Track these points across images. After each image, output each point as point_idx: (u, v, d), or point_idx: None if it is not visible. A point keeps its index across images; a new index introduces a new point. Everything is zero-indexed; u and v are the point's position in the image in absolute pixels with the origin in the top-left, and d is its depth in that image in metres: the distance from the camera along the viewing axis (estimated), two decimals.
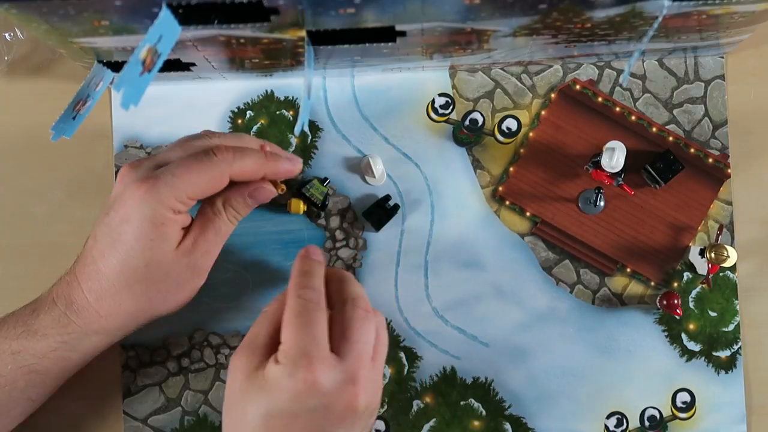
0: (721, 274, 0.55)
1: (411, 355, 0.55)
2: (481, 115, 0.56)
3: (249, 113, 0.57)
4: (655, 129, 0.56)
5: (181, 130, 0.56)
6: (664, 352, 0.55)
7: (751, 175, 0.56)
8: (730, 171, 0.56)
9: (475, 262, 0.56)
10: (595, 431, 0.55)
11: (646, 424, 0.55)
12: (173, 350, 0.55)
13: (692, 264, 0.55)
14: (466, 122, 0.56)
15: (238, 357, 0.44)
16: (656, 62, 0.56)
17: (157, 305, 0.47)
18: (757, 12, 0.46)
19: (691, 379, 0.55)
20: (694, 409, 0.55)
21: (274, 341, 0.44)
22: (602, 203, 0.55)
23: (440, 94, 0.56)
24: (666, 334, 0.55)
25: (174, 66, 0.51)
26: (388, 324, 0.55)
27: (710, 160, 0.55)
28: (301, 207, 0.55)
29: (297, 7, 0.40)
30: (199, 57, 0.49)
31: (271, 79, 0.56)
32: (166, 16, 0.37)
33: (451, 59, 0.54)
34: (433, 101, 0.56)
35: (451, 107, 0.56)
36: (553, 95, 0.56)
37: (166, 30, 0.37)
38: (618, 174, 0.54)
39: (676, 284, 0.55)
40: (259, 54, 0.48)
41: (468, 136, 0.56)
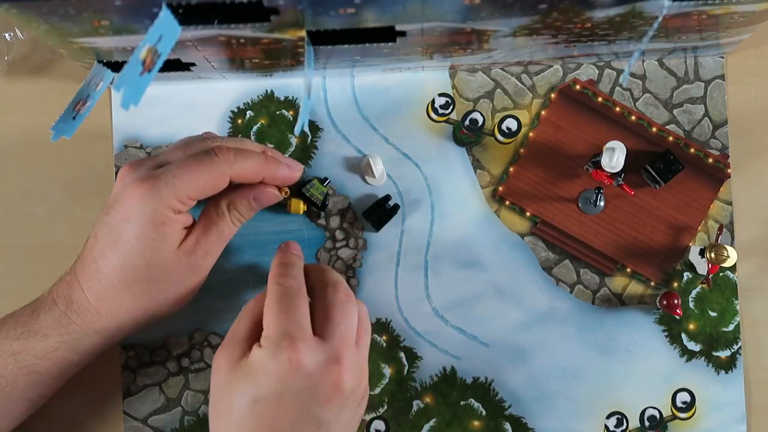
0: (721, 274, 0.55)
1: (411, 355, 0.56)
2: (481, 115, 0.56)
3: (249, 113, 0.57)
4: (655, 129, 0.56)
5: (181, 130, 0.56)
6: (664, 352, 0.55)
7: (751, 175, 0.56)
8: (730, 171, 0.56)
9: (475, 262, 0.56)
10: (595, 431, 0.55)
11: (646, 424, 0.55)
12: (173, 350, 0.55)
13: (692, 264, 0.55)
14: (466, 122, 0.56)
15: (220, 353, 0.45)
16: (656, 62, 0.56)
17: (157, 305, 0.47)
18: (757, 12, 0.46)
19: (691, 379, 0.55)
20: (694, 409, 0.55)
21: (255, 334, 0.45)
22: (602, 203, 0.55)
23: (440, 94, 0.56)
24: (666, 334, 0.55)
25: (174, 66, 0.51)
26: (388, 324, 0.55)
27: (710, 160, 0.55)
28: (301, 207, 0.55)
29: (297, 7, 0.40)
30: (199, 57, 0.49)
31: (271, 79, 0.56)
32: (166, 16, 0.37)
33: (451, 59, 0.54)
34: (433, 101, 0.56)
35: (451, 107, 0.56)
36: (553, 95, 0.56)
37: (166, 30, 0.37)
38: (618, 174, 0.54)
39: (676, 284, 0.55)
40: (259, 54, 0.48)
41: (468, 136, 0.56)
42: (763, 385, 0.55)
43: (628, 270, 0.56)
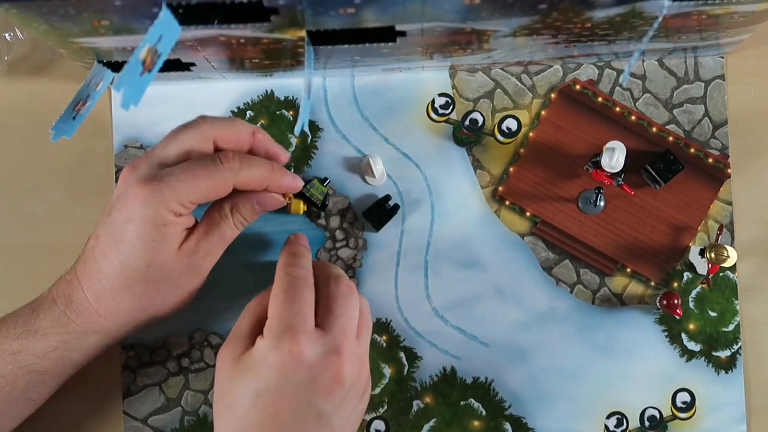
0: (721, 274, 0.55)
1: (411, 355, 0.56)
2: (481, 115, 0.56)
3: (249, 113, 0.57)
4: (655, 129, 0.56)
5: None
6: (664, 352, 0.55)
7: (751, 175, 0.56)
8: (730, 171, 0.56)
9: (475, 262, 0.56)
10: (595, 431, 0.55)
11: (646, 424, 0.55)
12: (173, 350, 0.55)
13: (692, 264, 0.55)
14: (466, 122, 0.56)
15: (223, 350, 0.45)
16: (656, 62, 0.56)
17: (156, 305, 0.47)
18: (757, 12, 0.46)
19: (691, 379, 0.55)
20: (694, 409, 0.55)
21: (257, 330, 0.45)
22: (602, 203, 0.55)
23: (440, 94, 0.56)
24: (666, 334, 0.55)
25: (174, 66, 0.51)
26: (388, 324, 0.55)
27: (710, 160, 0.55)
28: (301, 207, 0.55)
29: (297, 7, 0.40)
30: (199, 57, 0.49)
31: (271, 79, 0.56)
32: (166, 16, 0.37)
33: (451, 59, 0.54)
34: (433, 101, 0.56)
35: (451, 107, 0.56)
36: (553, 95, 0.56)
37: (166, 30, 0.37)
38: (618, 174, 0.54)
39: (676, 284, 0.55)
40: (259, 54, 0.48)
41: (468, 136, 0.56)
42: (763, 385, 0.55)
43: (628, 270, 0.56)
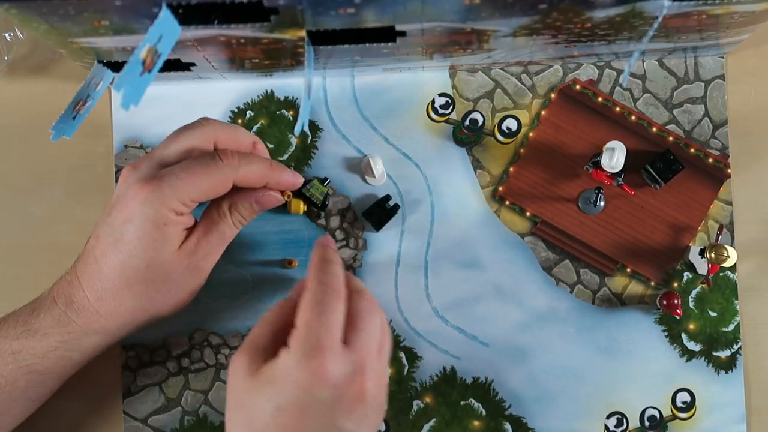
0: (721, 274, 0.55)
1: (411, 355, 0.55)
2: (481, 115, 0.56)
3: (249, 113, 0.57)
4: (655, 129, 0.56)
5: None
6: (664, 352, 0.55)
7: (751, 175, 0.56)
8: (730, 171, 0.56)
9: (475, 262, 0.56)
10: (595, 431, 0.55)
11: (646, 424, 0.55)
12: (173, 350, 0.55)
13: (692, 264, 0.55)
14: (466, 122, 0.56)
15: (240, 358, 0.44)
16: (656, 62, 0.56)
17: (157, 305, 0.47)
18: (757, 12, 0.46)
19: (691, 379, 0.55)
20: (694, 409, 0.55)
21: (276, 340, 0.43)
22: (602, 203, 0.55)
23: (440, 94, 0.56)
24: (666, 334, 0.55)
25: (174, 66, 0.51)
26: (389, 324, 0.55)
27: (710, 160, 0.55)
28: (301, 207, 0.55)
29: (297, 7, 0.40)
30: (199, 57, 0.49)
31: (271, 79, 0.56)
32: (166, 16, 0.37)
33: (451, 59, 0.54)
34: (433, 101, 0.56)
35: (451, 107, 0.56)
36: (553, 95, 0.56)
37: (166, 30, 0.37)
38: (618, 174, 0.54)
39: (676, 284, 0.55)
40: (259, 54, 0.48)
41: (468, 136, 0.56)
42: (763, 385, 0.55)
43: (628, 270, 0.56)
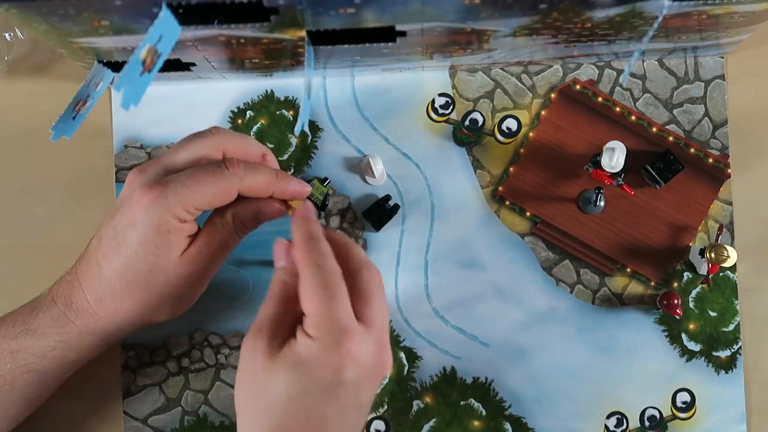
0: (721, 274, 0.55)
1: (411, 355, 0.55)
2: (481, 115, 0.56)
3: (249, 113, 0.57)
4: (655, 129, 0.56)
5: (181, 130, 0.56)
6: (664, 352, 0.55)
7: (751, 175, 0.56)
8: (730, 171, 0.56)
9: (475, 262, 0.56)
10: (595, 431, 0.55)
11: (646, 424, 0.55)
12: (173, 350, 0.55)
13: (692, 264, 0.55)
14: (466, 122, 0.56)
15: (254, 338, 0.43)
16: (656, 62, 0.56)
17: (155, 311, 0.47)
18: (757, 12, 0.46)
19: (691, 379, 0.55)
20: (694, 409, 0.55)
21: (291, 317, 0.43)
22: (602, 203, 0.55)
23: (440, 94, 0.56)
24: (666, 334, 0.55)
25: (174, 66, 0.51)
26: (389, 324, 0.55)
27: (710, 160, 0.55)
28: None
29: (297, 7, 0.40)
30: (199, 57, 0.49)
31: (271, 79, 0.56)
32: (166, 16, 0.37)
33: (451, 59, 0.54)
34: (433, 101, 0.56)
35: (451, 107, 0.56)
36: (553, 95, 0.56)
37: (166, 30, 0.37)
38: (618, 174, 0.54)
39: (676, 284, 0.55)
40: (259, 54, 0.48)
41: (468, 136, 0.56)
42: (763, 385, 0.55)
43: (628, 270, 0.56)
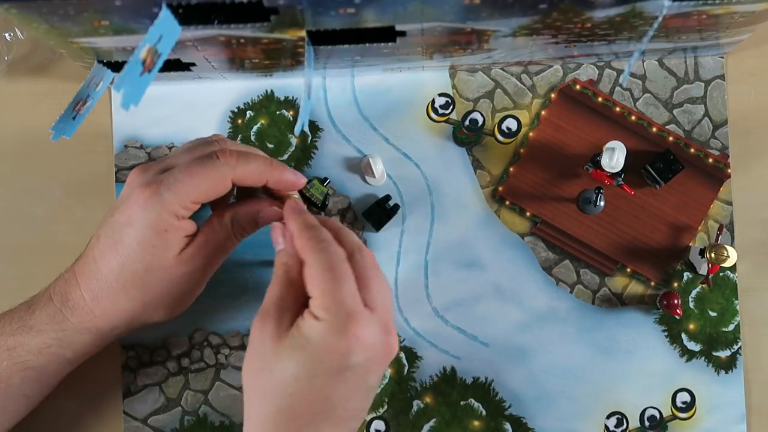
0: (721, 274, 0.55)
1: (411, 355, 0.55)
2: (481, 115, 0.56)
3: (249, 113, 0.57)
4: (655, 129, 0.56)
5: (181, 130, 0.56)
6: (664, 352, 0.55)
7: (751, 175, 0.56)
8: (730, 171, 0.56)
9: (475, 262, 0.56)
10: (595, 431, 0.55)
11: (646, 424, 0.55)
12: (173, 350, 0.55)
13: (692, 264, 0.55)
14: (466, 122, 0.56)
15: (263, 320, 0.43)
16: (656, 62, 0.56)
17: (151, 311, 0.47)
18: (757, 12, 0.46)
19: (691, 379, 0.55)
20: (694, 409, 0.55)
21: (298, 299, 0.43)
22: (602, 203, 0.55)
23: (440, 94, 0.56)
24: (666, 334, 0.55)
25: (174, 66, 0.51)
26: None
27: (710, 160, 0.55)
28: None
29: (297, 7, 0.40)
30: (199, 57, 0.49)
31: (271, 79, 0.56)
32: (166, 16, 0.37)
33: (451, 59, 0.54)
34: (433, 101, 0.56)
35: (451, 107, 0.56)
36: (553, 95, 0.56)
37: (166, 30, 0.37)
38: (618, 174, 0.54)
39: (676, 284, 0.55)
40: (259, 54, 0.48)
41: (468, 136, 0.56)
42: (763, 385, 0.55)
43: (628, 270, 0.56)
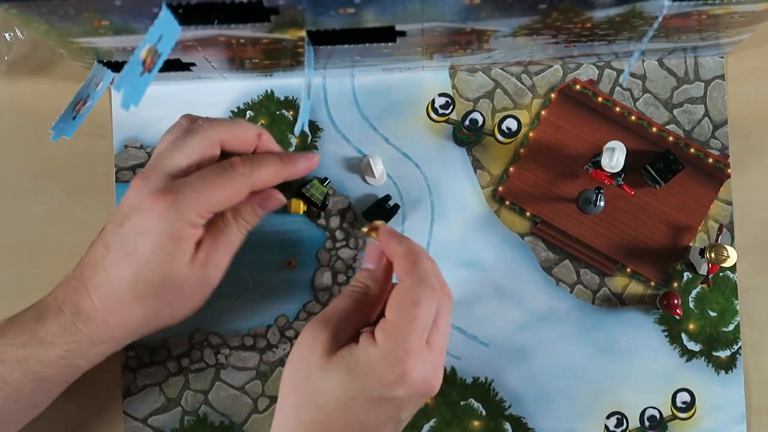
0: (721, 274, 0.55)
1: None
2: (481, 115, 0.56)
3: (249, 113, 0.57)
4: (655, 129, 0.56)
5: None
6: (664, 352, 0.55)
7: (751, 175, 0.56)
8: (730, 171, 0.56)
9: (475, 262, 0.56)
10: (594, 431, 0.55)
11: (646, 424, 0.55)
12: (173, 350, 0.55)
13: (692, 264, 0.55)
14: (466, 122, 0.56)
15: (321, 329, 0.43)
16: (656, 62, 0.56)
17: (164, 316, 0.47)
18: (757, 12, 0.46)
19: (691, 379, 0.55)
20: (694, 409, 0.55)
21: (358, 323, 0.43)
22: (602, 203, 0.55)
23: (440, 94, 0.56)
24: (666, 334, 0.55)
25: (174, 66, 0.51)
26: None
27: (710, 160, 0.55)
28: (301, 207, 0.55)
29: (297, 7, 0.40)
30: (199, 57, 0.49)
31: (271, 79, 0.56)
32: (166, 16, 0.37)
33: (451, 59, 0.54)
34: (433, 101, 0.56)
35: (451, 107, 0.56)
36: (553, 95, 0.56)
37: (166, 30, 0.37)
38: (618, 174, 0.54)
39: (676, 284, 0.55)
40: (259, 54, 0.48)
41: (468, 136, 0.56)
42: (763, 385, 0.55)
43: (628, 270, 0.56)
